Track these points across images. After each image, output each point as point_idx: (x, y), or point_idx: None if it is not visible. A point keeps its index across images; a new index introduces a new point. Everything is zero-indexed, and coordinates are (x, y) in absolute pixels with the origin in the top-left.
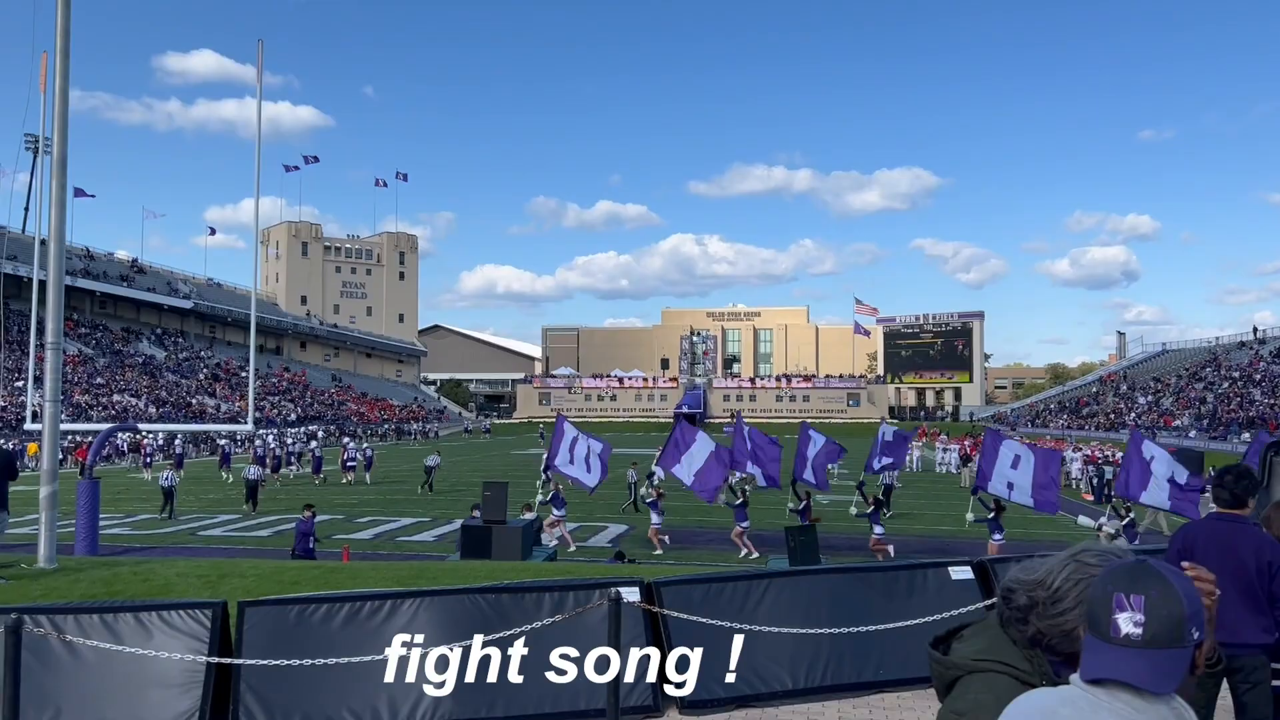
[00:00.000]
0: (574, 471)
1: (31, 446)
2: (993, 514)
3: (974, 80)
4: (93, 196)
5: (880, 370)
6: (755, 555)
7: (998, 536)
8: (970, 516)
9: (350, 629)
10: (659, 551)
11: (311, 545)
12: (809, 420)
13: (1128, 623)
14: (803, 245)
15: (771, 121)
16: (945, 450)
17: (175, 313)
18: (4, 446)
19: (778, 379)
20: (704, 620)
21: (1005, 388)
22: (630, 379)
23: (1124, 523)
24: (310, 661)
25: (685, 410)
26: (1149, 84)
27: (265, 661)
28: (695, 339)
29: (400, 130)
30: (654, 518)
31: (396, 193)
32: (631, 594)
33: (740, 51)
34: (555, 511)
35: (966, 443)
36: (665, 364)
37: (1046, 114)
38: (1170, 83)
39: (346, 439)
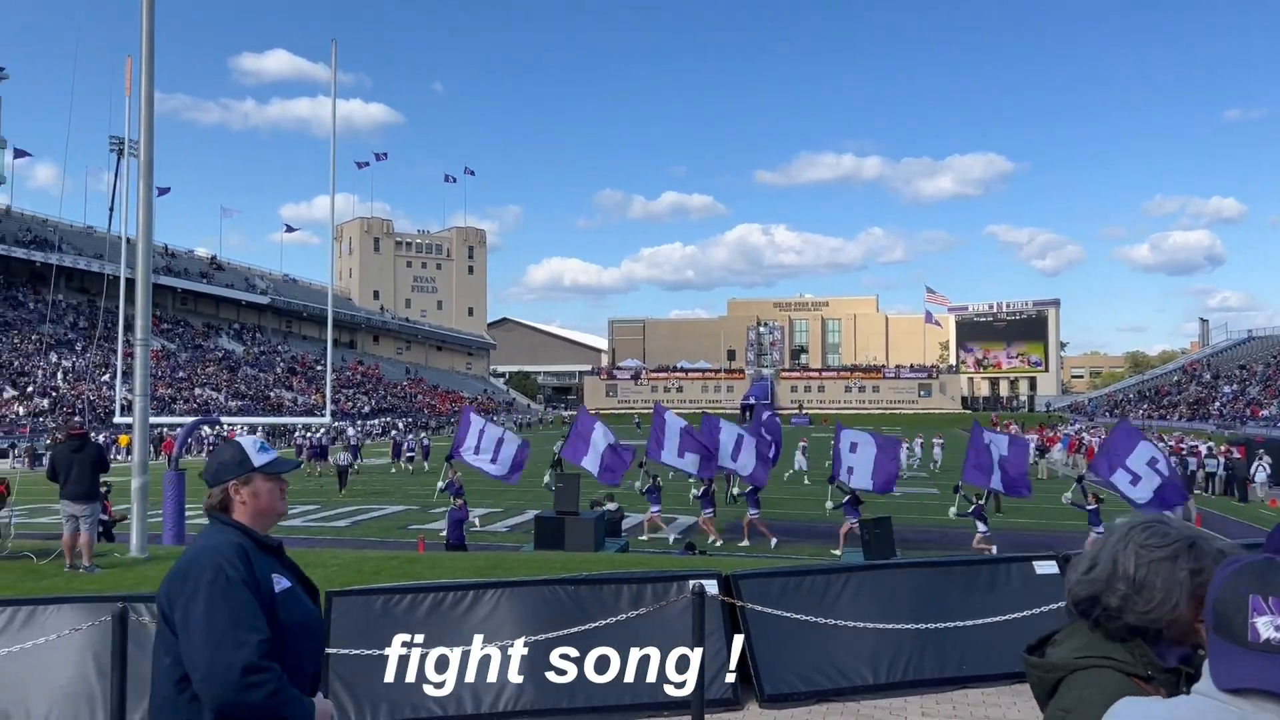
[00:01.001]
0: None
1: (123, 438)
2: (1092, 505)
3: (1050, 61)
4: (168, 190)
5: (952, 360)
6: (719, 543)
7: (1099, 528)
8: (953, 511)
9: (433, 619)
10: (665, 536)
11: (463, 533)
12: (880, 411)
13: (1268, 627)
14: (872, 233)
15: (840, 108)
16: None
17: (253, 308)
18: (95, 439)
19: (846, 370)
20: (783, 613)
21: (1082, 376)
22: (696, 370)
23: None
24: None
25: (752, 401)
26: (1235, 61)
27: (353, 651)
28: (762, 330)
29: (468, 126)
30: (652, 506)
31: (465, 188)
32: (710, 587)
33: (808, 38)
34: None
35: (1045, 433)
36: (731, 355)
37: (1126, 94)
38: (1258, 60)
39: (394, 431)
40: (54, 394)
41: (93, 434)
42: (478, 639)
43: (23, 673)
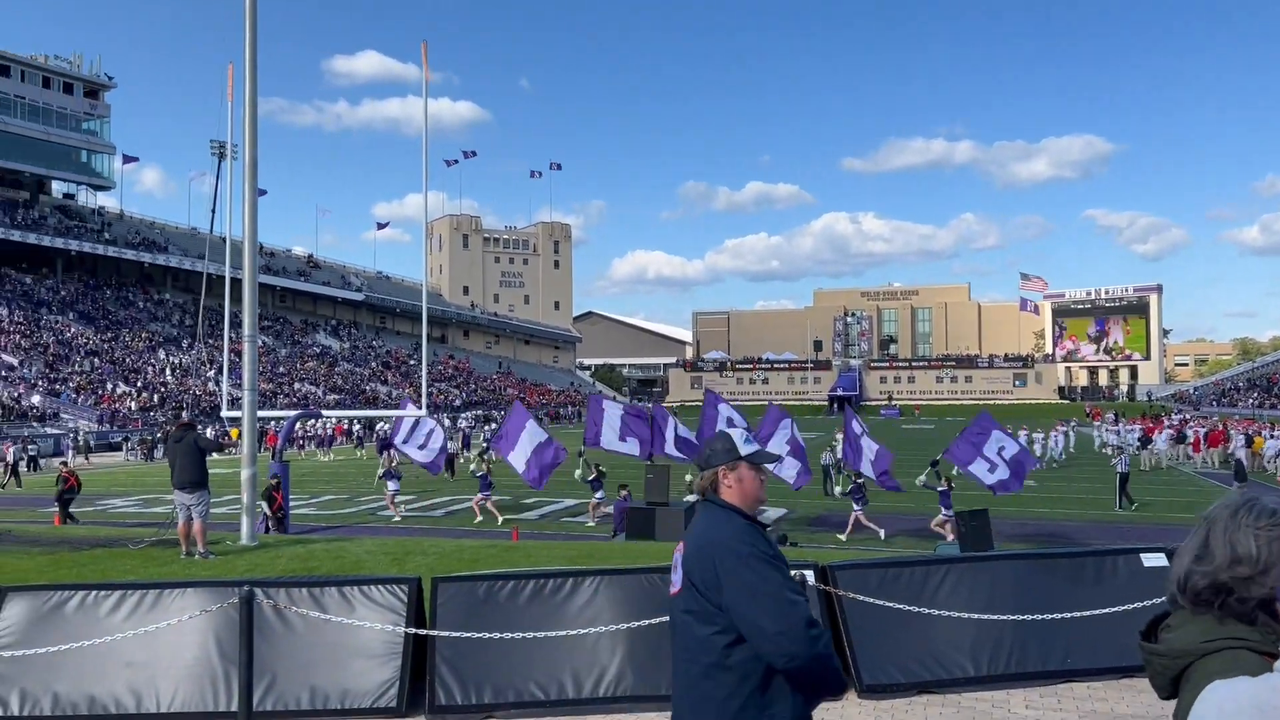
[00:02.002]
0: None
1: (234, 432)
2: (943, 486)
3: (1152, 38)
4: (264, 192)
5: (1048, 349)
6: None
7: (947, 511)
8: (921, 479)
9: (534, 605)
10: (592, 524)
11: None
12: (974, 402)
13: None
14: (964, 220)
15: (930, 93)
16: (1118, 431)
17: (348, 305)
18: (198, 430)
19: (938, 360)
20: (882, 603)
21: (1186, 365)
22: (782, 362)
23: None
24: (500, 635)
25: (840, 393)
26: None
27: (458, 634)
28: (849, 320)
29: (554, 121)
30: (596, 494)
31: (550, 183)
32: (808, 576)
33: (896, 23)
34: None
35: (1147, 423)
36: (818, 346)
37: (1232, 71)
38: None
39: (463, 424)
40: (163, 389)
41: (202, 427)
42: (577, 625)
43: (151, 654)
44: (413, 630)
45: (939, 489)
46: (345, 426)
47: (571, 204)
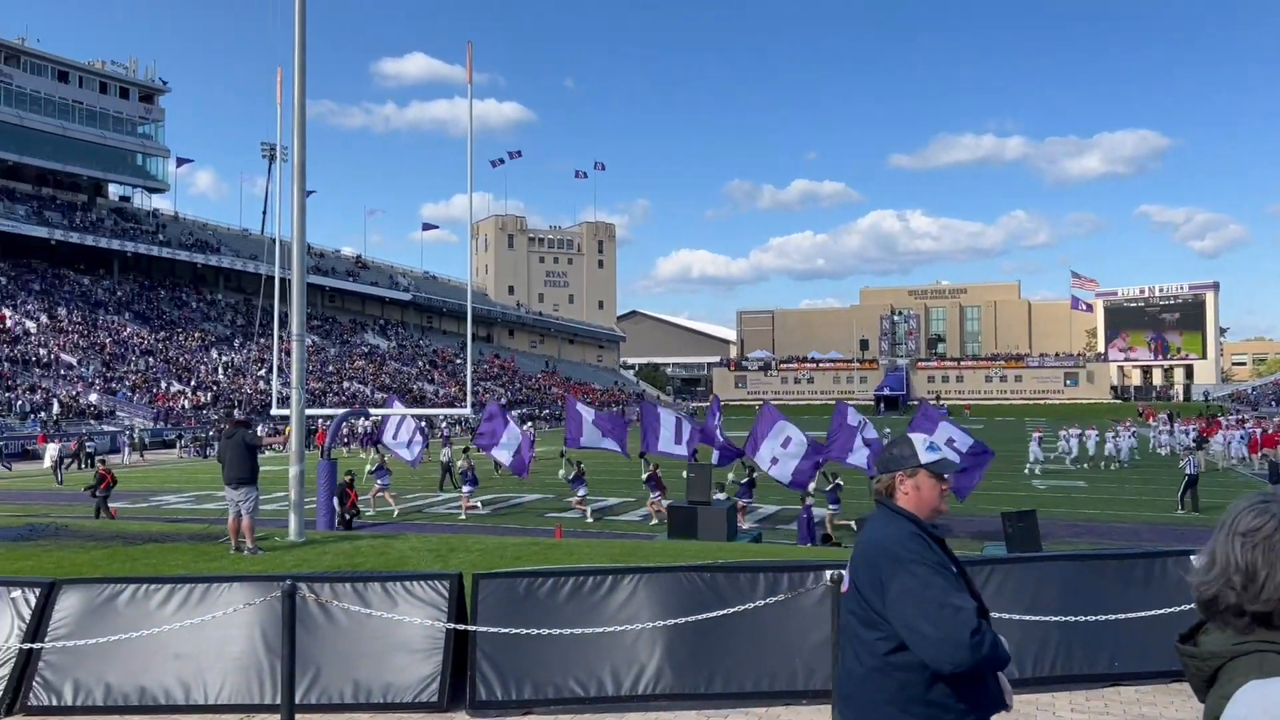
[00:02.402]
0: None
1: (287, 429)
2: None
3: (1209, 30)
4: (312, 192)
5: (1100, 348)
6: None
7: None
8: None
9: (574, 602)
10: (589, 520)
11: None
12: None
13: None
14: (1014, 217)
15: (979, 88)
16: (1171, 432)
17: (396, 304)
18: (248, 428)
19: (987, 359)
20: None
21: (1244, 364)
22: (827, 361)
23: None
24: (540, 631)
25: (887, 393)
26: None
27: (499, 630)
28: (896, 318)
29: (599, 121)
30: (579, 490)
31: (595, 183)
32: (846, 577)
33: (945, 18)
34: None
35: (1202, 423)
36: (864, 345)
37: None
38: None
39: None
40: (215, 388)
41: (254, 426)
42: (616, 623)
43: (199, 646)
44: (454, 625)
45: (825, 490)
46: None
47: (616, 203)
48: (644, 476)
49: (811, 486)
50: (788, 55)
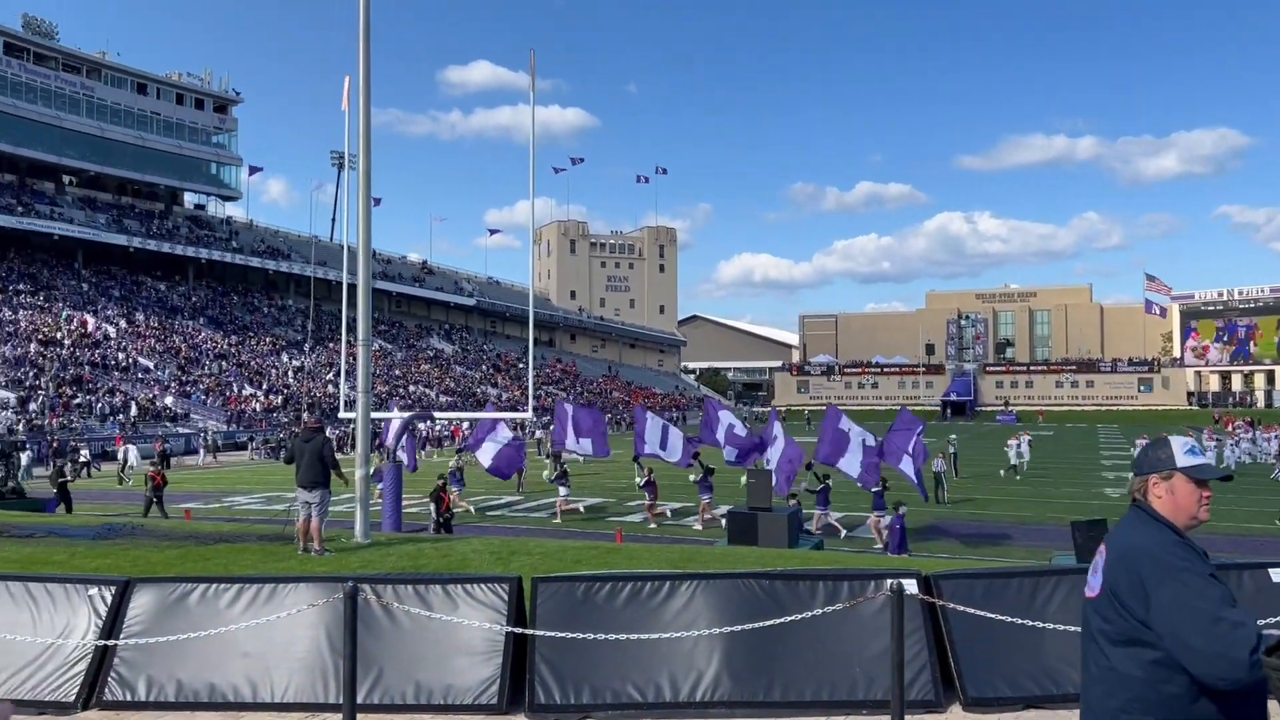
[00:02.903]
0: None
1: None
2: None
3: None
4: (379, 200)
5: (1176, 353)
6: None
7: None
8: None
9: (632, 607)
10: (698, 527)
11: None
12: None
13: None
14: (1085, 219)
15: (1050, 88)
16: (1253, 440)
17: (460, 309)
18: (326, 433)
19: (1057, 364)
20: (987, 615)
21: None
22: (892, 366)
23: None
24: (598, 636)
25: (954, 398)
26: None
27: (558, 634)
28: (963, 322)
29: (661, 126)
30: (562, 490)
31: (657, 187)
32: (910, 586)
33: (1014, 16)
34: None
35: None
36: (930, 349)
37: None
38: None
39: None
40: (285, 391)
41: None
42: (674, 628)
43: (266, 645)
44: (513, 629)
45: (878, 491)
46: (461, 429)
47: (678, 207)
48: (640, 481)
49: (803, 486)
50: (853, 57)
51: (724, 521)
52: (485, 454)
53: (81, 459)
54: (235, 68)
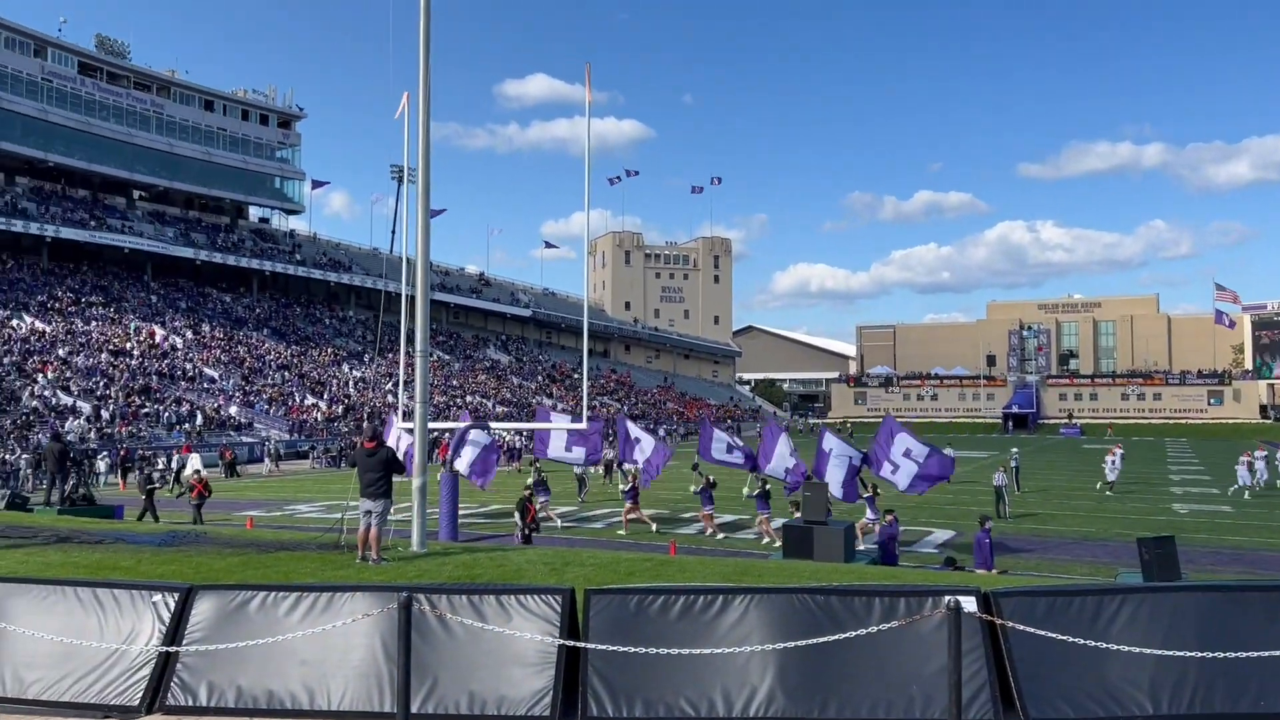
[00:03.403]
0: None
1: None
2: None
3: None
4: (443, 211)
5: (1248, 364)
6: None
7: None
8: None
9: (685, 620)
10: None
11: (896, 550)
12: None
13: None
14: (1152, 227)
15: (1115, 93)
16: None
17: (516, 320)
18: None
19: (1123, 375)
20: (1049, 634)
21: None
22: (952, 378)
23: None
24: (651, 650)
25: (1016, 410)
26: None
27: (611, 647)
28: (1025, 333)
29: (717, 136)
30: (541, 498)
31: (712, 198)
32: (969, 603)
33: (1076, 20)
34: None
35: None
36: (991, 361)
37: None
38: None
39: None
40: (346, 400)
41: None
42: (728, 643)
43: (324, 653)
44: (566, 641)
45: (865, 496)
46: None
47: (733, 218)
48: (624, 488)
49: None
50: (912, 65)
51: (775, 538)
52: (462, 464)
53: (159, 468)
54: (297, 83)
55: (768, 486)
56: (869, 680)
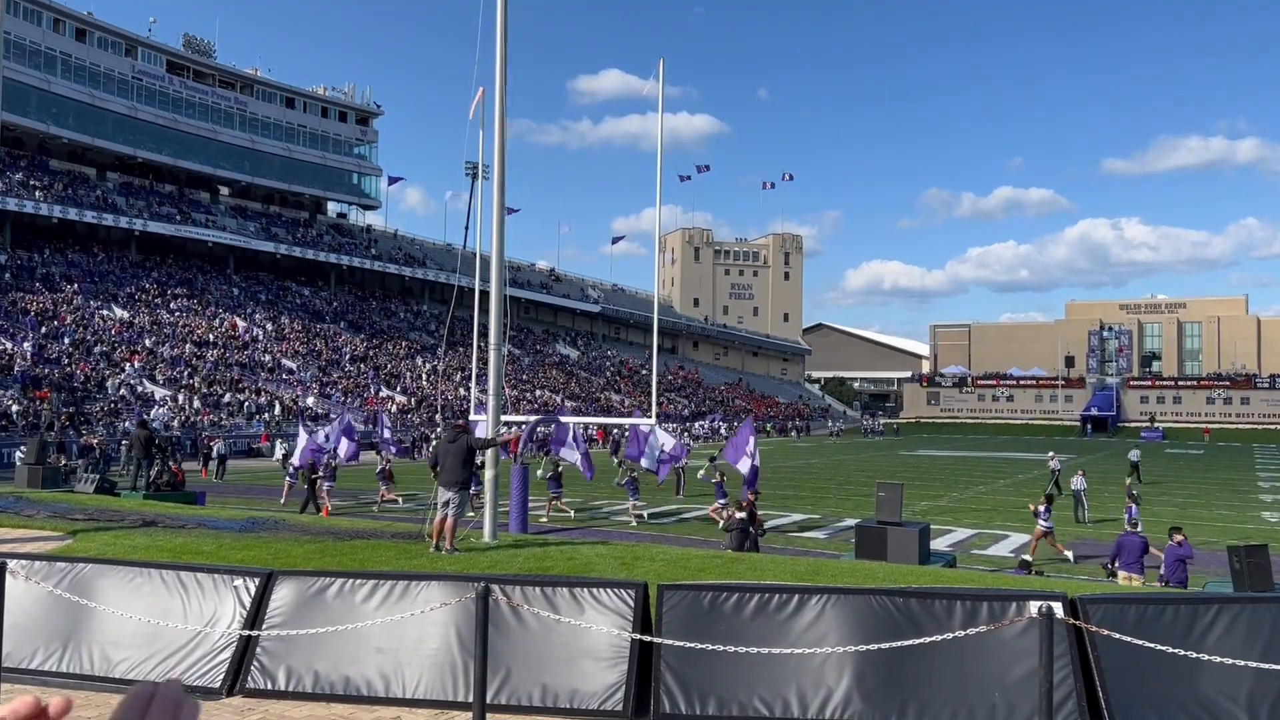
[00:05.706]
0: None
1: (516, 432)
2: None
3: None
4: (516, 210)
5: None
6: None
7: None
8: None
9: (760, 619)
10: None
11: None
12: (1251, 426)
13: None
14: (1244, 225)
15: (1208, 86)
16: None
17: (585, 316)
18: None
19: (1209, 378)
20: (1139, 642)
21: None
22: (1029, 379)
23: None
24: (727, 648)
25: (1095, 413)
26: None
27: (685, 644)
28: (1106, 334)
29: (792, 131)
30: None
31: (784, 194)
32: (1056, 609)
33: (1167, 12)
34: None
35: None
36: (1070, 362)
37: None
38: None
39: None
40: (419, 393)
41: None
42: (803, 643)
43: (399, 641)
44: (639, 636)
45: (714, 481)
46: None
47: (805, 214)
48: (621, 481)
49: (539, 473)
50: (992, 58)
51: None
52: (568, 455)
53: (278, 453)
54: (375, 80)
55: (635, 474)
56: (949, 686)
